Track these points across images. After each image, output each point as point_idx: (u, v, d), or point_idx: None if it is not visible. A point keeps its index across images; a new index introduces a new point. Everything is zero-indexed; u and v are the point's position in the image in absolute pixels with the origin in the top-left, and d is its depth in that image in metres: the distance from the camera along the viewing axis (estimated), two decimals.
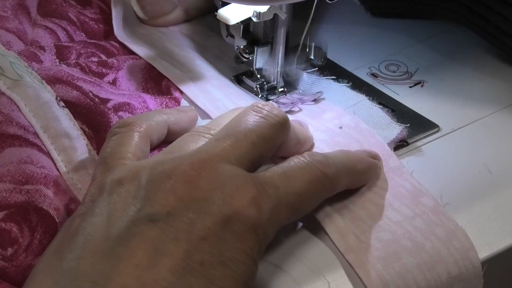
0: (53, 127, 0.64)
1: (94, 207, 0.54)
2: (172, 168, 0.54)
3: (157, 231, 0.51)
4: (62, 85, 0.68)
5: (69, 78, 0.69)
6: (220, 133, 0.57)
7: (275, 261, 0.58)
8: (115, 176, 0.55)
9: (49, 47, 0.74)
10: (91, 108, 0.67)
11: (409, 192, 0.62)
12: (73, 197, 0.61)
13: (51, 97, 0.66)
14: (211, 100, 0.71)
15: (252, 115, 0.59)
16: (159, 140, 0.64)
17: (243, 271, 0.52)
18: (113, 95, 0.69)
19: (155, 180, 0.53)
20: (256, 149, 0.57)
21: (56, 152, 0.63)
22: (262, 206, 0.54)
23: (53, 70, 0.69)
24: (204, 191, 0.53)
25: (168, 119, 0.65)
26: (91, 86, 0.69)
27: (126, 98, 0.70)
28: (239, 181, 0.54)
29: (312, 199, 0.58)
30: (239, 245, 0.52)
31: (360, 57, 0.78)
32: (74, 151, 0.64)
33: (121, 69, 0.73)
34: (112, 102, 0.69)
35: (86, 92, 0.68)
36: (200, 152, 0.55)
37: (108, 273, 0.50)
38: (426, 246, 0.58)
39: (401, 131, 0.67)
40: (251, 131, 0.57)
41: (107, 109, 0.67)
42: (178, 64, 0.76)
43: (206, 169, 0.54)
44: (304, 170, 0.57)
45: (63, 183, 0.62)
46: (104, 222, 0.52)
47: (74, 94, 0.67)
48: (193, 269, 0.50)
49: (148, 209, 0.52)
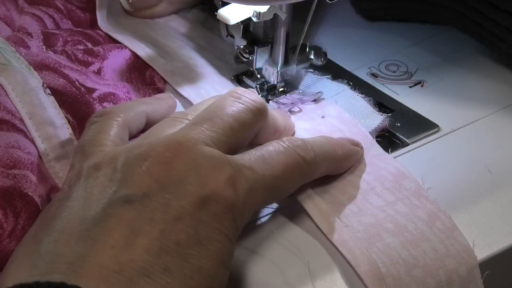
0: (39, 114, 0.64)
1: (72, 192, 0.55)
2: (147, 150, 0.54)
3: (133, 212, 0.52)
4: (49, 72, 0.68)
5: (56, 65, 0.69)
6: (197, 118, 0.58)
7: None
8: (92, 161, 0.56)
9: (36, 34, 0.74)
10: (77, 98, 0.67)
11: (392, 175, 0.62)
12: (54, 185, 0.62)
13: (38, 83, 0.66)
14: (195, 89, 0.72)
15: (230, 100, 0.59)
16: (138, 129, 0.64)
17: (220, 249, 0.52)
18: (99, 85, 0.70)
19: (130, 163, 0.54)
20: (233, 133, 0.58)
21: (40, 139, 0.64)
22: (238, 186, 0.54)
23: (40, 56, 0.69)
24: (179, 172, 0.53)
25: (146, 108, 0.65)
26: (78, 75, 0.69)
27: (111, 88, 0.70)
28: (215, 162, 0.54)
29: (289, 182, 0.58)
30: (215, 225, 0.52)
31: (360, 57, 0.78)
32: (58, 140, 0.64)
33: (106, 58, 0.74)
34: (97, 92, 0.69)
35: (73, 81, 0.68)
36: (176, 135, 0.56)
37: (85, 254, 0.50)
38: (408, 227, 0.58)
39: (383, 120, 0.68)
40: (229, 116, 0.58)
41: (92, 99, 0.68)
42: (163, 53, 0.76)
43: (182, 150, 0.54)
44: (281, 154, 0.58)
45: (45, 171, 0.62)
46: (81, 205, 0.53)
47: (61, 82, 0.67)
48: (169, 248, 0.51)
49: (124, 191, 0.53)
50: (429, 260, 0.57)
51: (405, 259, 0.56)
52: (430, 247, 0.57)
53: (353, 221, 0.59)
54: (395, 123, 0.69)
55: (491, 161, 0.65)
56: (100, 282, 0.49)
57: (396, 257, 0.56)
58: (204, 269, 0.51)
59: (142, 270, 0.50)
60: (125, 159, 0.54)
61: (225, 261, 0.53)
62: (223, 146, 0.57)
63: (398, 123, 0.69)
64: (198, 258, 0.51)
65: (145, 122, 0.65)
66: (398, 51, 0.79)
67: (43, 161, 0.63)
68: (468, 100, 0.72)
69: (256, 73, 0.72)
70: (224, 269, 0.53)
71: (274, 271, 0.57)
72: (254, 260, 0.58)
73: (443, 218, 0.59)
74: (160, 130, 0.59)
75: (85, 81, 0.69)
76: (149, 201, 0.52)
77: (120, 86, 0.71)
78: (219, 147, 0.56)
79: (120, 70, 0.74)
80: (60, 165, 0.63)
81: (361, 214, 0.60)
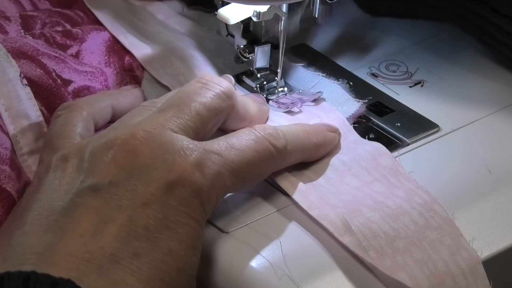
0: (15, 107, 0.65)
1: (41, 184, 0.55)
2: (113, 139, 0.55)
3: (100, 200, 0.52)
4: (26, 61, 0.68)
5: (33, 53, 0.68)
6: (164, 105, 0.59)
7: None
8: (59, 153, 0.56)
9: (15, 18, 0.73)
10: (52, 91, 0.67)
11: (368, 152, 0.63)
12: (27, 180, 0.62)
13: (15, 73, 0.66)
14: (173, 75, 0.71)
15: (196, 87, 0.60)
16: (104, 121, 0.65)
17: (189, 232, 0.53)
18: (76, 74, 0.69)
19: (97, 152, 0.54)
20: (200, 119, 0.58)
21: (14, 132, 0.64)
22: (205, 171, 0.55)
23: (18, 43, 0.69)
24: (145, 158, 0.54)
25: (112, 100, 0.66)
26: (55, 63, 0.69)
27: (88, 79, 0.70)
28: (181, 147, 0.55)
29: (258, 168, 0.58)
30: (183, 208, 0.53)
31: (360, 57, 0.78)
32: (32, 133, 0.64)
33: (85, 41, 0.73)
34: (73, 85, 0.69)
35: (50, 71, 0.68)
36: (143, 123, 0.56)
37: (54, 244, 0.51)
38: (387, 203, 0.59)
39: (360, 107, 0.69)
40: (195, 102, 0.59)
41: (67, 94, 0.68)
42: (142, 36, 0.75)
43: (147, 137, 0.55)
44: (252, 141, 0.58)
45: (20, 165, 0.62)
46: (49, 196, 0.54)
47: (38, 73, 0.67)
48: (137, 233, 0.52)
49: (91, 180, 0.53)
50: (410, 232, 0.57)
51: (386, 232, 0.57)
52: (410, 220, 0.58)
53: (332, 199, 0.60)
54: (395, 123, 0.69)
55: (491, 161, 0.65)
56: (70, 270, 0.49)
57: (377, 230, 0.57)
58: (175, 252, 0.52)
59: (111, 256, 0.50)
60: (91, 149, 0.55)
61: (195, 243, 0.54)
62: (190, 132, 0.57)
63: (398, 123, 0.69)
64: (168, 241, 0.52)
65: (111, 113, 0.66)
66: (398, 51, 0.79)
67: (16, 154, 0.63)
68: (468, 100, 0.72)
69: (256, 72, 0.72)
70: (194, 251, 0.54)
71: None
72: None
73: (421, 194, 0.60)
74: (129, 119, 0.60)
75: (62, 71, 0.69)
76: (116, 188, 0.53)
77: (97, 74, 0.70)
78: (186, 133, 0.57)
79: (99, 53, 0.73)
80: (33, 159, 0.64)
81: (339, 193, 0.60)
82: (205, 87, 0.60)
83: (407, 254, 0.56)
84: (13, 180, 0.60)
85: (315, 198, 0.60)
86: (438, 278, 0.56)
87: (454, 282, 0.56)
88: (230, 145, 0.57)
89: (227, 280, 0.58)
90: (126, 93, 0.68)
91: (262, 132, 0.59)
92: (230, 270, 0.58)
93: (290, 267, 0.56)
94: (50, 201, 0.54)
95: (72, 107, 0.63)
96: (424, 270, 0.56)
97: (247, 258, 0.58)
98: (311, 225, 0.60)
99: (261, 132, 0.59)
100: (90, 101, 0.65)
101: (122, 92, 0.68)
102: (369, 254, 0.56)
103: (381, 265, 0.55)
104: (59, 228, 0.52)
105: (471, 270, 0.56)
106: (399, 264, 0.56)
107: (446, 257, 0.56)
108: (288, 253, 0.57)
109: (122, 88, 0.69)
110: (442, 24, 0.81)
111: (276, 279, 0.56)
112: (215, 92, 0.60)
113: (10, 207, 0.59)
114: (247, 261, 0.58)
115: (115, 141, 0.55)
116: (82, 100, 0.65)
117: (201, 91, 0.59)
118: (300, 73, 0.73)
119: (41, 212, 0.53)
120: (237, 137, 0.58)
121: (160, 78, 0.72)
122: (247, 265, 0.57)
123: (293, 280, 0.55)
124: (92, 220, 0.52)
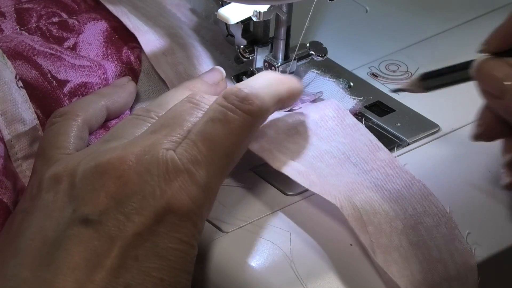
0: (10, 111, 0.64)
1: (33, 207, 0.56)
2: (104, 163, 0.54)
3: (91, 232, 0.53)
4: (22, 62, 0.67)
5: (29, 52, 0.68)
6: (156, 125, 0.58)
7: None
8: (51, 171, 0.56)
9: (10, 13, 0.73)
10: (48, 93, 0.67)
11: (366, 147, 0.63)
12: (22, 186, 0.62)
13: (11, 74, 0.66)
14: (173, 64, 0.71)
15: (188, 107, 0.59)
16: (99, 124, 0.65)
17: (180, 258, 0.53)
18: (72, 72, 0.69)
19: (87, 178, 0.54)
20: None
21: (9, 137, 0.64)
22: (192, 192, 0.54)
23: (14, 42, 0.69)
24: (134, 185, 0.54)
25: (106, 101, 0.65)
26: (51, 63, 0.68)
27: (85, 75, 0.69)
28: (170, 171, 0.54)
29: (242, 147, 0.58)
30: (174, 234, 0.53)
31: (360, 56, 0.78)
32: (27, 138, 0.64)
33: (81, 32, 0.72)
34: (69, 85, 0.68)
35: (45, 73, 0.67)
36: (133, 144, 0.56)
37: (48, 279, 0.52)
38: (387, 187, 0.59)
39: (356, 104, 0.69)
40: (187, 121, 0.57)
41: (62, 95, 0.67)
42: (145, 18, 0.74)
43: (137, 161, 0.54)
44: (224, 124, 0.56)
45: (14, 171, 0.62)
46: (41, 223, 0.54)
47: (33, 75, 0.67)
48: (128, 265, 0.52)
49: (82, 209, 0.53)
50: (409, 215, 0.58)
51: (386, 211, 0.57)
52: (409, 205, 0.59)
53: (332, 180, 0.60)
54: (395, 123, 0.69)
55: (491, 161, 0.65)
56: None
57: (378, 208, 0.57)
58: (166, 280, 0.52)
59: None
60: (82, 173, 0.55)
61: (186, 267, 0.54)
62: None
63: (398, 123, 0.69)
64: (159, 270, 0.52)
65: (105, 115, 0.65)
66: (398, 50, 0.79)
67: (11, 160, 0.63)
68: (468, 100, 0.72)
69: (256, 73, 0.72)
70: (186, 275, 0.54)
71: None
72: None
73: (418, 185, 0.60)
74: (122, 131, 0.59)
75: (58, 71, 0.68)
76: (107, 218, 0.53)
77: (95, 68, 0.70)
78: None
79: (97, 44, 0.72)
80: (27, 163, 0.64)
81: (340, 176, 0.61)
82: (197, 108, 0.59)
83: (404, 235, 0.57)
84: (10, 191, 0.60)
85: (316, 178, 0.60)
86: (431, 264, 0.56)
87: (445, 270, 0.56)
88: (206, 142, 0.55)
89: (227, 280, 0.58)
90: (120, 92, 0.67)
91: (230, 103, 0.57)
92: (230, 270, 0.58)
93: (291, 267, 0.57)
94: (42, 229, 0.54)
95: (67, 114, 0.62)
96: (418, 254, 0.56)
97: (247, 258, 0.58)
98: (311, 225, 0.60)
99: (229, 104, 0.57)
100: (85, 105, 0.64)
101: (116, 91, 0.67)
102: (368, 229, 0.56)
103: (377, 243, 0.56)
104: (52, 261, 0.52)
105: (464, 262, 0.57)
106: (395, 244, 0.56)
107: (441, 245, 0.57)
108: (288, 252, 0.57)
109: (116, 84, 0.68)
110: (442, 24, 0.81)
111: (276, 279, 0.56)
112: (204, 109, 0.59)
113: (6, 218, 0.59)
114: (246, 261, 0.58)
115: (106, 165, 0.54)
116: (77, 105, 0.64)
117: (193, 111, 0.58)
118: (295, 71, 0.73)
119: (34, 240, 0.54)
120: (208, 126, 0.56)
121: (159, 68, 0.71)
122: (247, 265, 0.57)
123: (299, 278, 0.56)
124: (84, 253, 0.52)
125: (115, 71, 0.70)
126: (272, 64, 0.71)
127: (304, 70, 0.73)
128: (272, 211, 0.61)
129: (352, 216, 0.57)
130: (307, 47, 0.71)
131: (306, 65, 0.73)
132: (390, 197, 0.59)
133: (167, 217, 0.53)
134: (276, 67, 0.71)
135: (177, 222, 0.53)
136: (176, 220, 0.53)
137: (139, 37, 0.72)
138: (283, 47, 0.71)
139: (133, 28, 0.73)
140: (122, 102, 0.67)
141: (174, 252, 0.53)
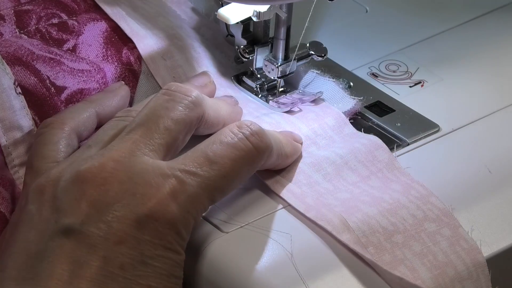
0: (8, 118, 0.64)
1: (20, 221, 0.55)
2: (84, 172, 0.54)
3: (74, 243, 0.52)
4: (21, 68, 0.67)
5: (28, 58, 0.68)
6: (132, 124, 0.57)
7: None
8: (36, 183, 0.56)
9: (9, 16, 0.72)
10: (46, 100, 0.67)
11: (364, 146, 0.63)
12: (19, 193, 0.62)
13: (9, 81, 0.65)
14: (171, 68, 0.71)
15: (163, 100, 0.58)
16: (89, 131, 0.64)
17: (166, 264, 0.53)
18: (71, 78, 0.69)
19: (69, 188, 0.54)
20: (169, 134, 0.57)
21: (6, 144, 0.64)
22: (179, 199, 0.54)
23: (13, 47, 0.69)
24: (116, 193, 0.53)
25: (97, 108, 0.65)
26: (50, 68, 0.68)
27: (83, 81, 0.69)
28: (152, 177, 0.54)
29: (238, 178, 0.57)
30: (158, 242, 0.53)
31: (360, 56, 0.78)
32: (24, 145, 0.64)
33: (81, 33, 0.72)
34: (66, 92, 0.68)
35: (44, 79, 0.67)
36: (112, 150, 0.55)
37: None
38: (384, 198, 0.59)
39: (355, 104, 0.69)
40: (162, 117, 0.57)
41: (60, 103, 0.67)
42: (144, 19, 0.74)
43: (117, 168, 0.54)
44: (230, 148, 0.56)
45: (11, 178, 0.62)
46: (26, 238, 0.54)
47: (32, 81, 0.67)
48: (113, 274, 0.51)
49: (63, 220, 0.53)
50: (409, 225, 0.58)
51: (384, 227, 0.57)
52: (408, 213, 0.58)
53: (329, 198, 0.60)
54: (395, 123, 0.69)
55: (491, 161, 0.65)
56: None
57: (376, 226, 0.57)
58: (154, 286, 0.52)
59: None
60: (64, 184, 0.54)
61: (174, 272, 0.53)
62: (161, 150, 0.56)
63: (398, 123, 0.69)
64: (146, 277, 0.52)
65: (96, 121, 0.64)
66: (398, 50, 0.79)
67: (7, 166, 0.63)
68: (468, 100, 0.72)
69: (256, 73, 0.72)
70: (174, 279, 0.54)
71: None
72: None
73: (417, 187, 0.60)
74: (103, 135, 0.59)
75: (57, 76, 0.68)
76: (88, 228, 0.52)
77: (94, 72, 0.70)
78: (157, 153, 0.56)
79: (96, 46, 0.72)
80: (24, 170, 0.63)
81: (336, 191, 0.61)
82: (172, 99, 0.58)
83: (406, 248, 0.56)
84: (7, 201, 0.60)
85: (311, 200, 0.60)
86: (440, 268, 0.56)
87: (455, 272, 0.56)
88: (206, 159, 0.56)
89: (227, 280, 0.57)
90: (110, 96, 0.66)
91: (243, 131, 0.57)
92: (230, 270, 0.58)
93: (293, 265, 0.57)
94: (27, 242, 0.54)
95: (53, 124, 0.62)
96: (425, 262, 0.56)
97: (247, 258, 0.58)
98: (311, 225, 0.60)
99: (241, 132, 0.57)
100: (71, 113, 0.63)
101: (106, 96, 0.66)
102: (368, 250, 0.56)
103: (380, 260, 0.55)
104: (36, 275, 0.52)
105: (472, 259, 0.57)
106: (398, 258, 0.56)
107: (446, 248, 0.57)
108: (288, 252, 0.57)
109: (107, 90, 0.68)
110: (442, 23, 0.81)
111: (276, 279, 0.56)
112: (183, 103, 0.58)
113: (3, 228, 0.59)
114: (247, 261, 0.57)
115: (86, 174, 0.54)
116: (63, 114, 0.64)
117: (168, 104, 0.58)
118: (295, 71, 0.73)
119: (20, 253, 0.53)
120: (213, 145, 0.56)
121: (157, 74, 0.71)
122: (247, 265, 0.57)
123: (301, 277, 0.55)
124: (67, 264, 0.52)
125: (115, 73, 0.70)
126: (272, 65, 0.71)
127: (304, 70, 0.73)
128: (272, 211, 0.61)
129: (350, 240, 0.56)
130: (307, 47, 0.71)
131: (306, 65, 0.73)
132: (389, 209, 0.58)
133: (150, 224, 0.53)
134: (276, 67, 0.71)
135: (160, 229, 0.53)
136: (159, 228, 0.53)
137: (137, 43, 0.72)
138: (283, 47, 0.71)
139: (131, 34, 0.73)
140: (114, 106, 0.66)
141: (160, 259, 0.53)
